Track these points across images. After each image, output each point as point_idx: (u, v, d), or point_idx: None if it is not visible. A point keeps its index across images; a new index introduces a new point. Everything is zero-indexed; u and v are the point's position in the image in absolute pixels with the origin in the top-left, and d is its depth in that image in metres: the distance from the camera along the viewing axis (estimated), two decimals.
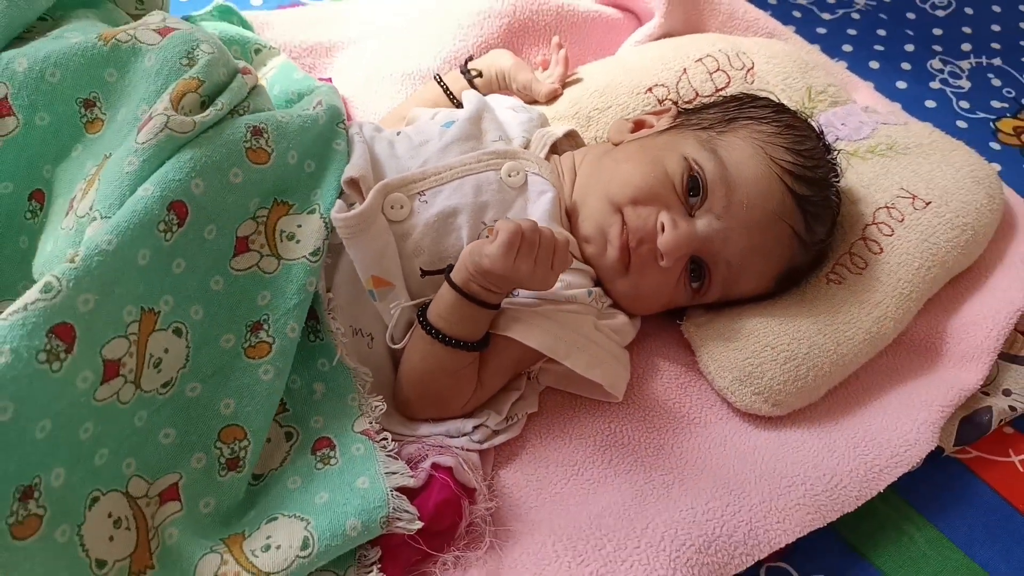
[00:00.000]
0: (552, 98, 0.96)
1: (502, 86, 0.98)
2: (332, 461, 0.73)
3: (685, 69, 0.97)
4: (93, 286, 0.61)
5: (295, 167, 0.76)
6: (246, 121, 0.74)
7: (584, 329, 0.77)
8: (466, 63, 0.99)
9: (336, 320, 0.75)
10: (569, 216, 0.82)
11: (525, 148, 0.84)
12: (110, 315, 0.63)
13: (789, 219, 0.80)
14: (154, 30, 0.77)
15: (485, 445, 0.76)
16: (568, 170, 0.85)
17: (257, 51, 1.02)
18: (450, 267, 0.73)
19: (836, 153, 0.87)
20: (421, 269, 0.75)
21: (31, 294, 0.59)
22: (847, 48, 1.31)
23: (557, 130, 0.88)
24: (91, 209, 0.69)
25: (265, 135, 0.74)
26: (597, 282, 0.82)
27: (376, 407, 0.76)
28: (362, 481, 0.70)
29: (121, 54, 0.76)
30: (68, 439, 0.60)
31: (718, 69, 0.98)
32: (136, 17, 0.90)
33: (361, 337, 0.78)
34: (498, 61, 0.97)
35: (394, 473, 0.71)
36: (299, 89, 0.94)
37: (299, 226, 0.75)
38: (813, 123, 0.88)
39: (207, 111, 0.73)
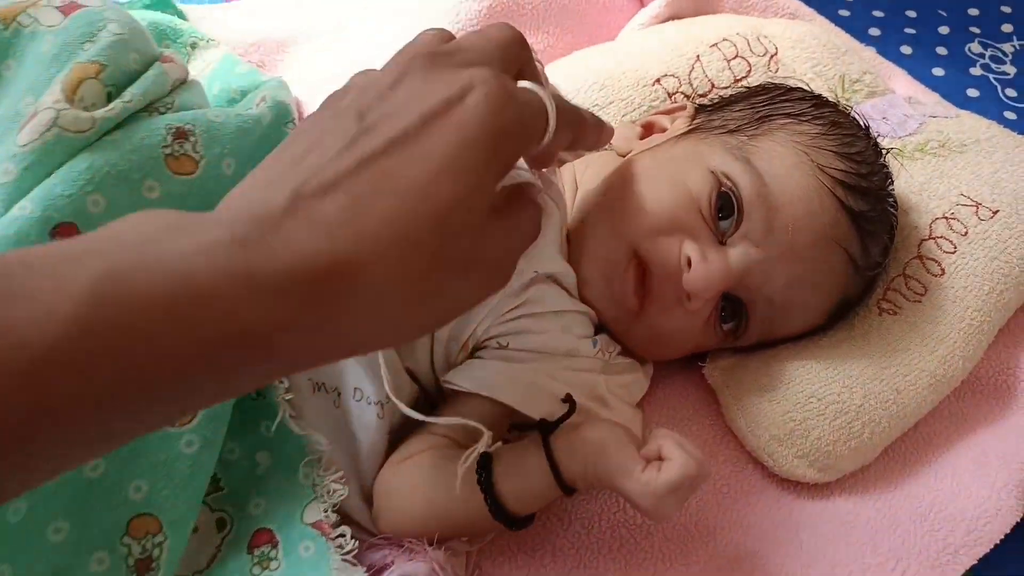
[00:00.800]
0: None
1: None
2: (272, 565, 0.58)
3: (698, 56, 0.82)
4: None
5: (235, 178, 0.62)
6: (167, 121, 0.60)
7: (592, 392, 0.63)
8: None
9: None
10: (568, 242, 0.67)
11: None
12: None
13: (844, 242, 0.65)
14: (57, 7, 0.63)
15: (473, 547, 0.61)
16: (568, 185, 0.70)
17: (194, 45, 0.88)
18: (545, 426, 0.57)
19: (886, 153, 0.72)
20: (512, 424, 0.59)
21: None
22: (874, 32, 1.17)
23: None
24: None
25: (192, 138, 0.60)
26: (599, 326, 0.67)
27: (335, 491, 0.61)
28: None
29: (22, 40, 0.62)
30: None
31: (736, 55, 0.83)
32: None
33: (324, 393, 0.63)
34: None
35: None
36: (242, 86, 0.79)
37: None
38: (857, 116, 0.72)
39: (111, 104, 0.59)
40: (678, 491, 0.52)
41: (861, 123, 0.72)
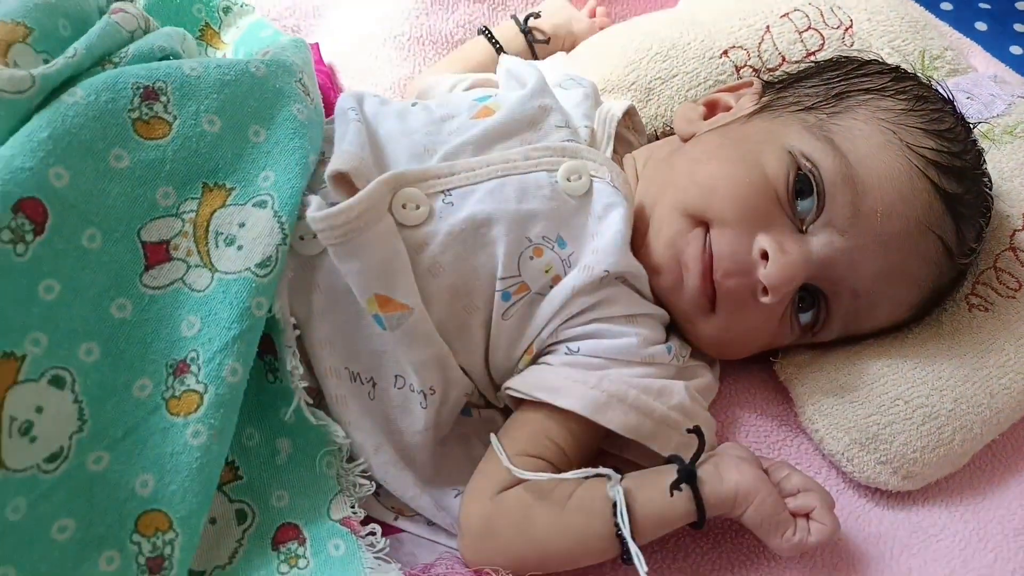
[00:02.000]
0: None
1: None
2: (301, 563, 0.58)
3: (768, 27, 0.78)
4: None
5: (224, 136, 0.59)
6: (134, 77, 0.57)
7: (674, 399, 0.59)
8: (527, 18, 0.81)
9: (297, 355, 0.58)
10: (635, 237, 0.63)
11: (591, 131, 0.66)
12: None
13: (938, 228, 0.60)
14: None
15: None
16: (629, 174, 0.66)
17: (226, 10, 0.86)
18: (688, 471, 0.56)
19: (974, 127, 0.67)
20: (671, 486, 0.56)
21: None
22: (946, 6, 1.12)
23: (616, 108, 0.68)
24: None
25: (163, 97, 0.58)
26: (669, 325, 0.63)
27: (361, 485, 0.60)
28: None
29: None
30: None
31: (809, 27, 0.78)
32: None
33: (360, 384, 0.60)
34: (568, 24, 0.81)
35: None
36: (263, 48, 0.74)
37: (241, 225, 0.58)
38: (941, 90, 0.67)
39: (53, 62, 0.56)
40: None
41: (946, 96, 0.67)
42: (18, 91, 0.53)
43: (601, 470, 0.55)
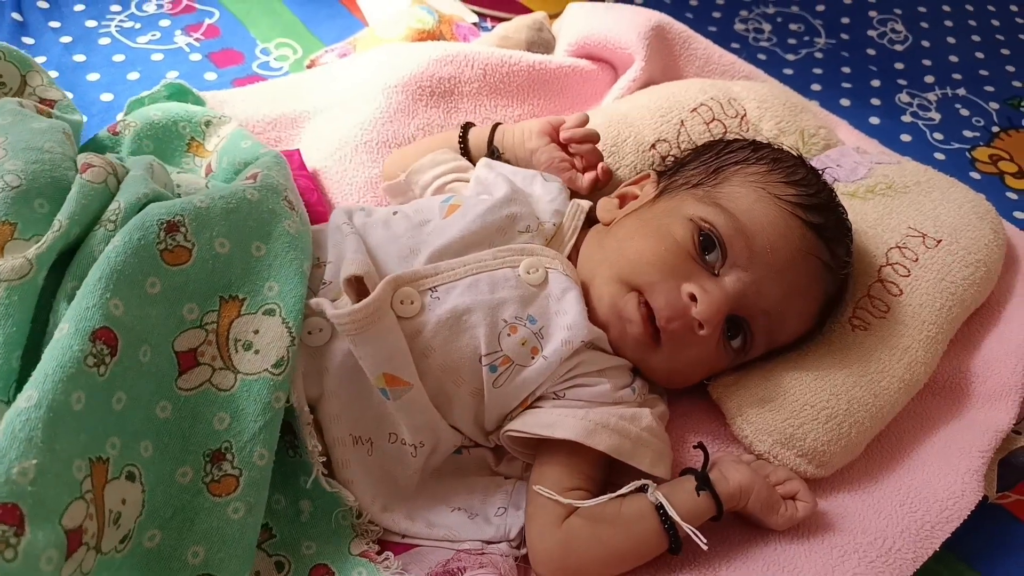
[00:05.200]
0: (592, 187, 0.87)
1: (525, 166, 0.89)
2: None
3: (683, 121, 0.94)
4: (27, 452, 0.51)
5: (233, 255, 0.68)
6: (158, 216, 0.65)
7: (643, 422, 0.73)
8: (492, 133, 0.90)
9: (314, 436, 0.69)
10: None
11: (557, 227, 0.79)
12: (58, 478, 0.53)
13: (815, 251, 0.76)
14: None
15: (524, 550, 0.70)
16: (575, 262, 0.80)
17: (208, 123, 0.94)
18: (705, 477, 0.71)
19: (823, 171, 0.84)
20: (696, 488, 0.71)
21: None
22: (816, 87, 1.31)
23: (584, 204, 0.83)
24: None
25: (182, 229, 0.65)
26: (634, 370, 0.77)
27: (373, 530, 0.70)
28: None
29: None
30: None
31: (713, 119, 0.95)
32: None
33: (360, 445, 0.71)
34: (526, 143, 0.88)
35: None
36: (245, 159, 0.86)
37: (256, 332, 0.66)
38: (789, 150, 0.85)
39: (42, 239, 0.63)
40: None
41: (793, 153, 0.83)
42: (21, 276, 0.61)
43: (639, 483, 0.69)
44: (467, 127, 0.92)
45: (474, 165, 0.87)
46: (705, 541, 0.67)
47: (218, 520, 0.63)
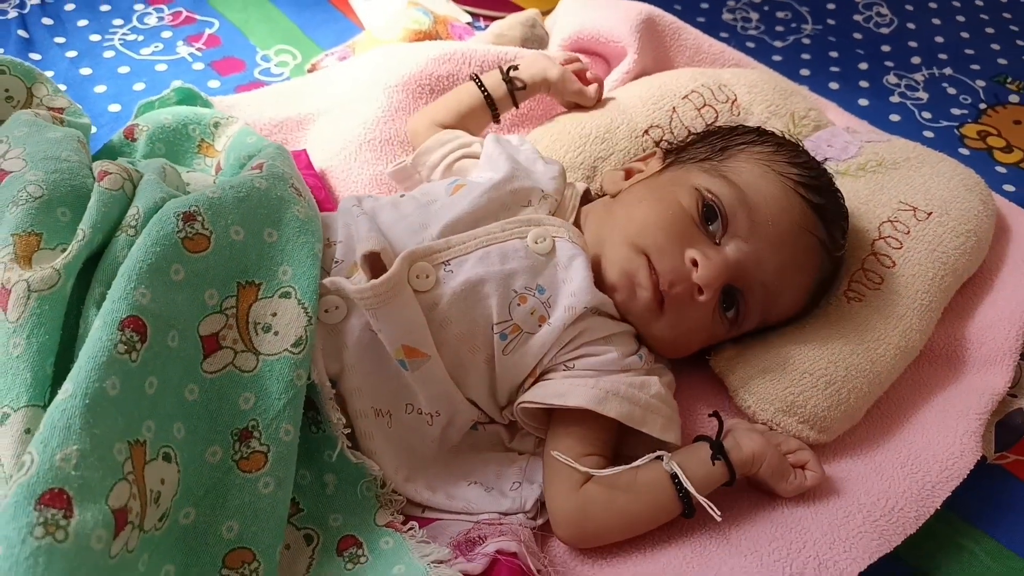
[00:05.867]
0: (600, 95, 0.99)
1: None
2: (362, 559, 0.69)
3: (675, 108, 0.97)
4: (67, 439, 0.54)
5: (248, 242, 0.70)
6: (174, 208, 0.68)
7: (652, 390, 0.75)
8: (508, 70, 0.96)
9: (337, 410, 0.71)
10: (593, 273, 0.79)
11: (559, 202, 0.82)
12: (101, 461, 0.55)
13: (813, 229, 0.79)
14: None
15: (540, 521, 0.73)
16: (586, 228, 0.83)
17: (216, 125, 0.97)
18: (719, 445, 0.74)
19: (824, 161, 0.87)
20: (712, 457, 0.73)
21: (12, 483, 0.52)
22: (805, 72, 1.33)
23: (580, 187, 0.86)
24: None
25: (199, 218, 0.68)
26: (637, 337, 0.79)
27: (397, 500, 0.73)
28: (398, 569, 0.67)
29: None
30: None
31: (705, 104, 0.98)
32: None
33: (380, 417, 0.74)
34: (543, 72, 0.96)
35: (431, 556, 0.68)
36: (249, 152, 0.88)
37: (273, 314, 0.69)
38: (792, 139, 0.88)
39: (67, 250, 0.66)
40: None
41: (796, 142, 0.86)
42: (51, 286, 0.63)
43: (656, 453, 0.72)
44: (476, 77, 0.97)
45: (495, 110, 0.95)
46: (719, 513, 0.70)
47: (250, 495, 0.65)
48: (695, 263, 0.75)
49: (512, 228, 0.77)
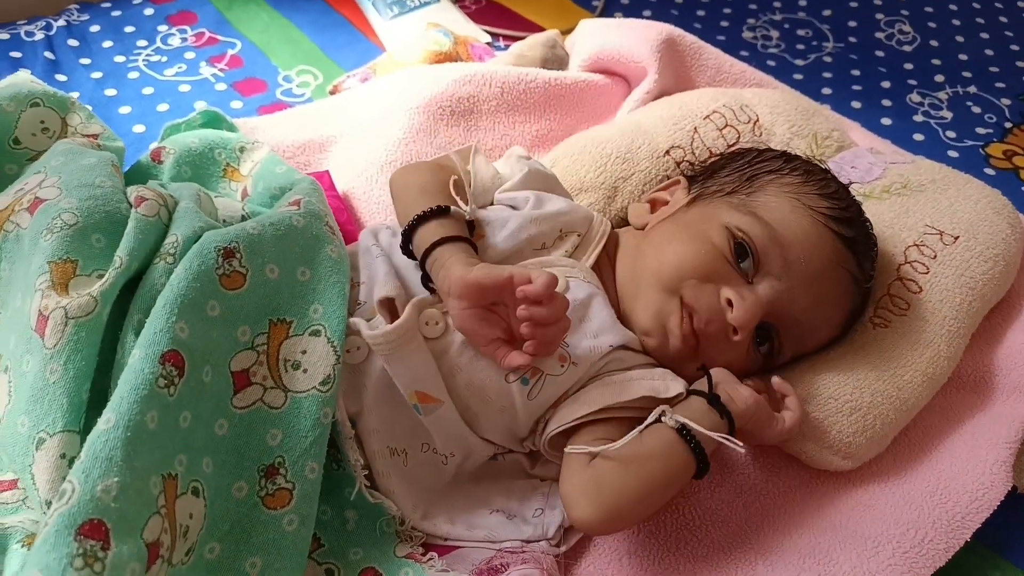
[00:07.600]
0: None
1: None
2: None
3: (696, 128, 0.97)
4: (108, 470, 0.54)
5: (281, 280, 0.71)
6: (215, 243, 0.69)
7: (660, 371, 0.76)
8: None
9: (356, 450, 0.71)
10: (618, 313, 0.78)
11: (582, 237, 0.81)
12: (139, 494, 0.56)
13: (845, 264, 0.78)
14: (26, 208, 0.72)
15: (563, 548, 0.72)
16: (606, 267, 0.82)
17: (242, 149, 0.97)
18: (716, 396, 0.73)
19: (849, 185, 0.86)
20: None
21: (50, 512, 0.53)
22: (826, 91, 1.32)
23: (606, 224, 0.84)
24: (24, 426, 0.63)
25: (237, 255, 0.69)
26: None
27: (417, 536, 0.72)
28: None
29: (8, 244, 0.72)
30: None
31: (727, 125, 0.98)
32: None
33: (396, 456, 0.74)
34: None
35: None
36: (280, 184, 0.89)
37: (303, 352, 0.69)
38: (817, 162, 0.87)
39: (104, 277, 0.67)
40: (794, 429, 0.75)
41: (825, 167, 0.86)
42: (88, 313, 0.65)
43: (656, 411, 0.70)
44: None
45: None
46: (741, 444, 0.69)
47: (274, 532, 0.66)
48: (730, 303, 0.74)
49: None
